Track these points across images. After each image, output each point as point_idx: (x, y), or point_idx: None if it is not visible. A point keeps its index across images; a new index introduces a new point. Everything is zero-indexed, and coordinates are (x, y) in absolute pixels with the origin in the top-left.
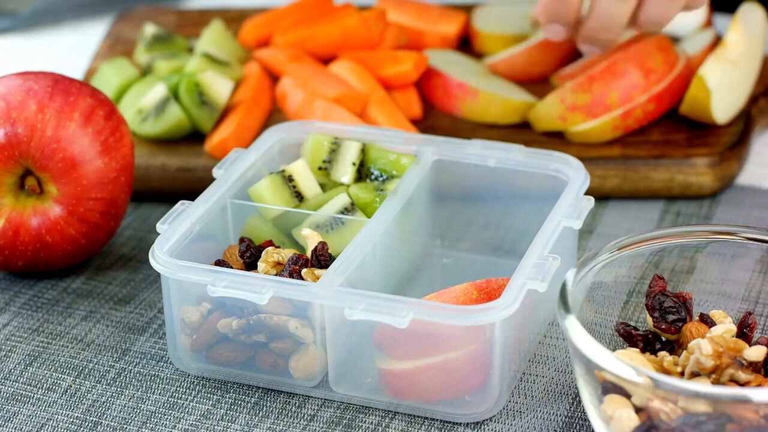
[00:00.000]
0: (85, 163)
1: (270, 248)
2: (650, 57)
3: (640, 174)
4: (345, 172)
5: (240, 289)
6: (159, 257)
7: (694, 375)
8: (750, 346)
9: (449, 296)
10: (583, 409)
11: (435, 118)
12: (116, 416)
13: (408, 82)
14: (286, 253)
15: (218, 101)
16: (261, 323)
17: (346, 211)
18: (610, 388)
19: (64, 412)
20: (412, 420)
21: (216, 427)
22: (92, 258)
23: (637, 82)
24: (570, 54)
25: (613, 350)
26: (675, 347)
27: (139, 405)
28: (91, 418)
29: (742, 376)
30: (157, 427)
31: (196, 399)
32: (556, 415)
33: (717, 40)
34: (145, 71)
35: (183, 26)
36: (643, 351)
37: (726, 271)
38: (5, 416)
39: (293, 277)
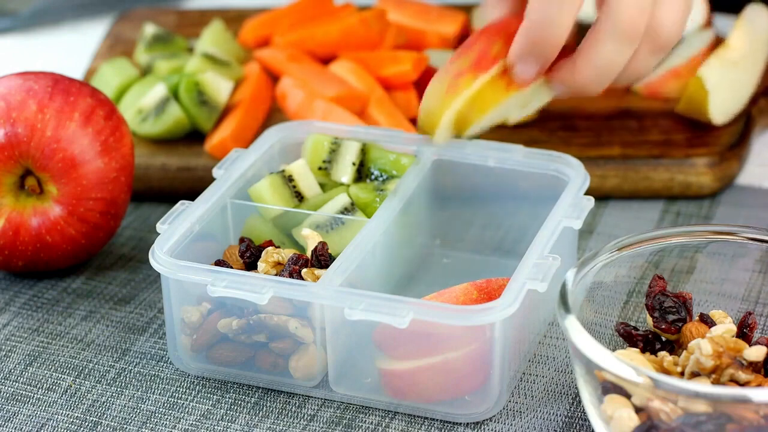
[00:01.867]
0: (85, 163)
1: (270, 248)
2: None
3: (640, 174)
4: (345, 172)
5: (240, 289)
6: (159, 257)
7: (694, 375)
8: (750, 346)
9: (449, 296)
10: (583, 409)
11: None
12: (116, 416)
13: (408, 82)
14: (286, 253)
15: (218, 101)
16: (261, 323)
17: (346, 211)
18: (610, 388)
19: (64, 412)
20: (412, 420)
21: (216, 427)
22: (92, 258)
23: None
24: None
25: (613, 350)
26: (675, 347)
27: (139, 405)
28: (91, 418)
29: (742, 376)
30: (157, 427)
31: (196, 399)
32: (556, 415)
33: (717, 40)
34: (145, 71)
35: (183, 26)
36: (643, 351)
37: (726, 271)
38: (5, 416)
39: (293, 277)
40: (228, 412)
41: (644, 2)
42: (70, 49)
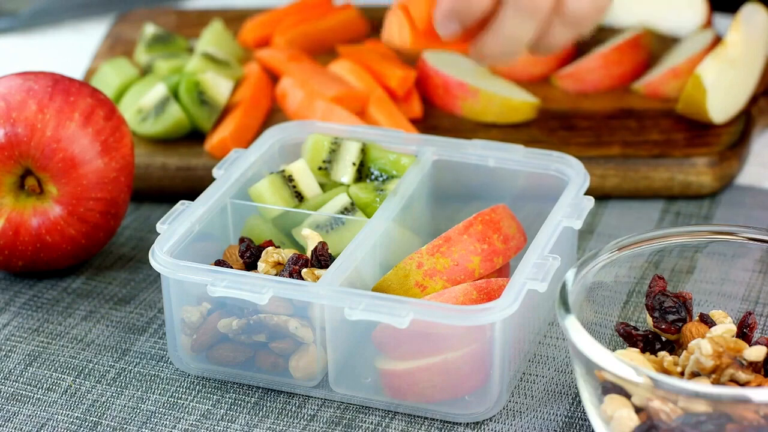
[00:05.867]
0: (85, 163)
1: (270, 248)
2: (506, 223)
3: (640, 173)
4: (345, 172)
5: (240, 289)
6: (159, 257)
7: (694, 375)
8: (750, 346)
9: (449, 296)
10: (583, 409)
11: (435, 118)
12: (116, 416)
13: (408, 82)
14: (286, 253)
15: (218, 101)
16: (261, 323)
17: (346, 211)
18: (610, 388)
19: (64, 412)
20: (412, 420)
21: (216, 427)
22: (92, 258)
23: (498, 247)
24: (570, 54)
25: (613, 350)
26: (675, 347)
27: (139, 405)
28: (91, 418)
29: (742, 376)
30: (157, 427)
31: (196, 399)
32: (556, 415)
33: (717, 40)
34: (145, 71)
35: (183, 26)
36: (643, 351)
37: (726, 271)
38: (5, 416)
39: (293, 277)
40: (228, 412)
41: None
42: (70, 49)
